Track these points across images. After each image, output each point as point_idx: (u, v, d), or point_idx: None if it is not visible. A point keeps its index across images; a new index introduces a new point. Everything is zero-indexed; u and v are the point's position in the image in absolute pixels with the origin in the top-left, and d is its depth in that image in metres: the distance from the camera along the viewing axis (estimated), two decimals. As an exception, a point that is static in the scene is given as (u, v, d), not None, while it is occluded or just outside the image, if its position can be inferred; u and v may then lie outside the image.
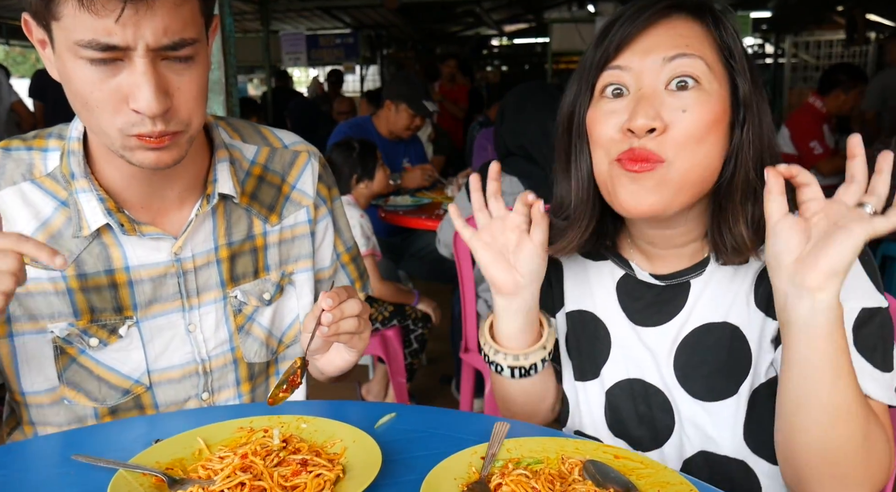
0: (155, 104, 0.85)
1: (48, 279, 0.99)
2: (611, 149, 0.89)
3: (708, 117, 0.85)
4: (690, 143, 0.85)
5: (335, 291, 0.93)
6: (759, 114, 0.89)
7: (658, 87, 0.86)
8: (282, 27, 10.81)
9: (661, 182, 0.85)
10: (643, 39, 0.87)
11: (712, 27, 0.88)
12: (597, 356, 1.04)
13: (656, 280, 0.99)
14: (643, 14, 0.87)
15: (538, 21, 12.38)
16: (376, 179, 2.95)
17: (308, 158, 1.18)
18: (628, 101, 0.87)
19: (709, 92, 0.85)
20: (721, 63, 0.88)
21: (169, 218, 1.05)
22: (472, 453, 0.85)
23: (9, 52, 13.88)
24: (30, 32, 0.93)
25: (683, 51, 0.85)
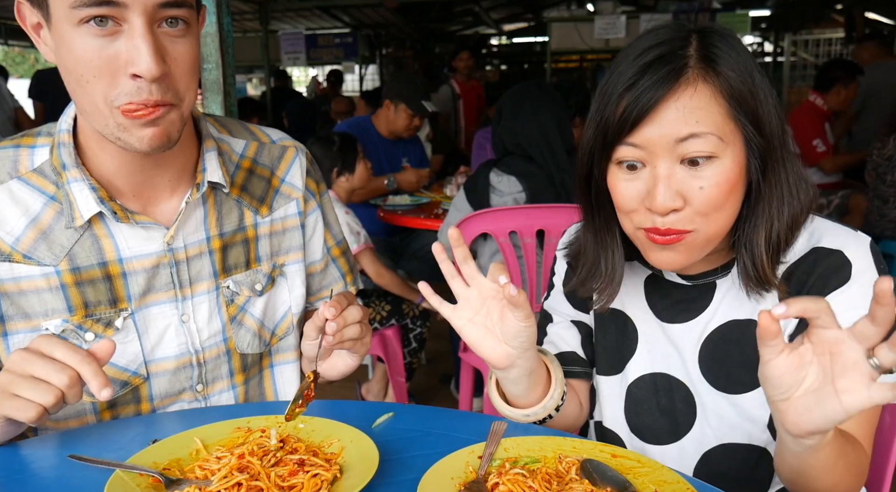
0: (154, 66, 0.87)
1: (41, 276, 0.99)
2: (634, 219, 0.91)
3: (726, 188, 0.86)
4: (712, 212, 0.87)
5: (336, 299, 0.94)
6: (778, 144, 0.89)
7: (673, 165, 0.86)
8: (281, 27, 10.79)
9: (689, 247, 0.89)
10: (655, 116, 0.85)
11: (719, 82, 0.85)
12: (623, 352, 1.07)
13: (684, 280, 1.01)
14: (656, 87, 0.85)
15: (537, 20, 12.38)
16: (357, 173, 2.93)
17: (296, 153, 1.20)
18: (647, 177, 0.88)
19: (723, 158, 0.86)
20: (732, 119, 0.86)
21: (160, 208, 1.05)
22: (470, 453, 0.85)
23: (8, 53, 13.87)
24: (24, 20, 0.93)
25: (693, 130, 0.84)
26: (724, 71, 0.86)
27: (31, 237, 0.99)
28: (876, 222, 3.76)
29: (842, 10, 9.40)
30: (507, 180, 2.38)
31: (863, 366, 0.66)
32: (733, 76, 0.86)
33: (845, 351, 0.67)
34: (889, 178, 3.59)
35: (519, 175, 2.37)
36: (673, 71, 0.85)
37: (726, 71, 0.86)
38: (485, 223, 2.32)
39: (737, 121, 0.87)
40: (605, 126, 0.89)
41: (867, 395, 0.66)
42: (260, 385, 1.19)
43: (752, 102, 0.87)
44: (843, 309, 0.86)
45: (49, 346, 0.84)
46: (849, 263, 0.91)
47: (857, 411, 0.67)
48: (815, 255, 0.93)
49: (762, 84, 0.88)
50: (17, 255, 0.99)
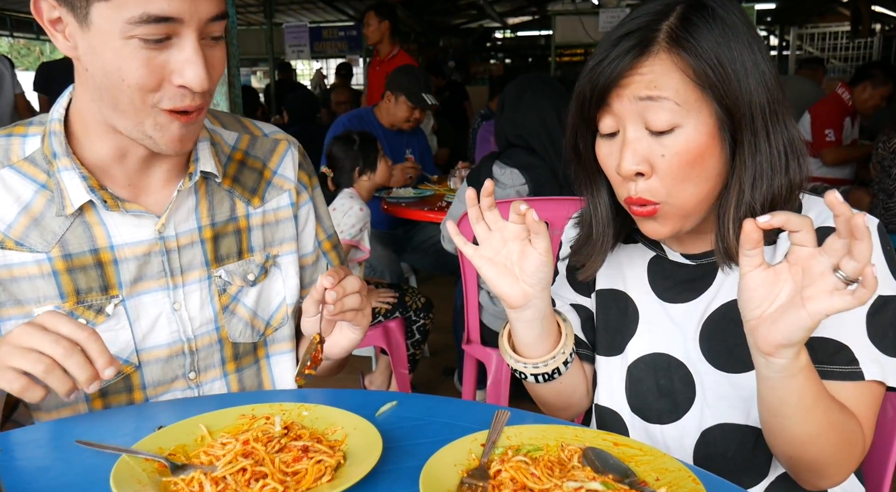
0: (206, 80, 0.91)
1: (33, 262, 1.00)
2: (618, 189, 0.95)
3: (688, 157, 0.87)
4: (677, 182, 0.88)
5: (332, 270, 0.95)
6: (753, 123, 0.88)
7: (639, 129, 0.88)
8: (285, 19, 10.79)
9: (665, 217, 0.92)
10: (622, 82, 0.88)
11: (685, 56, 0.86)
12: (623, 332, 1.07)
13: (687, 260, 1.02)
14: (621, 59, 0.88)
15: (541, 13, 12.34)
16: (378, 171, 2.94)
17: (288, 146, 1.21)
18: (619, 143, 0.91)
19: (685, 126, 0.87)
20: (696, 91, 0.86)
21: (153, 197, 1.06)
22: (473, 441, 0.85)
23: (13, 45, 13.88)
24: (40, 13, 0.94)
25: (650, 93, 0.86)
26: (692, 43, 0.86)
27: (22, 224, 1.00)
28: (880, 217, 3.76)
29: (847, 3, 9.36)
30: (510, 173, 2.38)
31: (829, 276, 0.71)
32: (703, 50, 0.86)
33: (815, 264, 0.72)
34: (895, 171, 3.58)
35: (521, 167, 2.37)
36: (641, 43, 0.87)
37: (695, 43, 0.86)
38: (488, 215, 2.32)
39: (702, 91, 0.87)
40: (582, 98, 0.93)
41: (829, 301, 0.71)
42: (257, 375, 1.20)
43: (720, 76, 0.86)
44: None
45: (54, 321, 0.84)
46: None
47: (820, 316, 0.71)
48: (822, 233, 0.89)
49: (743, 54, 0.87)
50: (9, 241, 1.00)
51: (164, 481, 0.77)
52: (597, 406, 1.11)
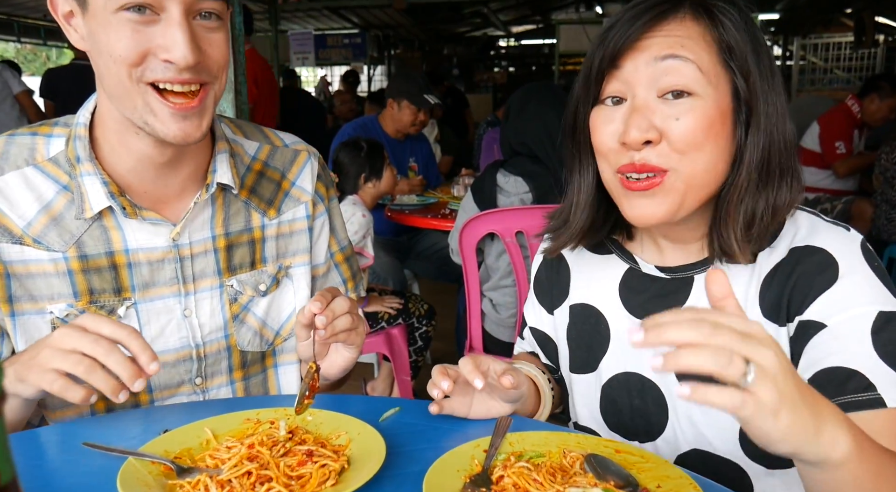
0: (189, 54, 0.90)
1: (50, 260, 1.02)
2: (612, 159, 0.89)
3: (703, 123, 0.84)
4: (690, 150, 0.84)
5: (320, 293, 0.94)
6: (767, 112, 0.86)
7: (650, 95, 0.85)
8: (290, 27, 10.84)
9: (668, 192, 0.86)
10: (639, 43, 0.86)
11: (711, 24, 0.85)
12: (595, 350, 1.05)
13: (661, 273, 0.99)
14: (640, 18, 0.86)
15: (545, 22, 12.38)
16: (384, 179, 2.96)
17: (308, 157, 1.22)
18: (624, 111, 0.87)
19: (703, 97, 0.84)
20: (720, 64, 0.85)
21: (170, 206, 1.08)
22: (475, 446, 0.86)
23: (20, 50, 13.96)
24: (55, 9, 0.96)
25: (675, 51, 0.84)
26: (718, 18, 0.85)
27: (42, 222, 1.01)
28: (884, 227, 3.76)
29: (851, 14, 9.37)
30: (514, 181, 2.39)
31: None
32: (729, 24, 0.85)
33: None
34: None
35: (526, 176, 2.38)
36: (663, 5, 0.85)
37: (721, 19, 0.85)
38: (491, 223, 2.33)
39: (725, 65, 0.84)
40: (590, 62, 0.90)
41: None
42: (264, 384, 1.20)
43: (746, 54, 0.84)
44: (832, 313, 0.84)
45: (94, 322, 0.85)
46: (834, 262, 0.86)
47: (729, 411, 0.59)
48: (796, 255, 0.89)
49: (760, 42, 0.86)
50: (27, 238, 1.01)
51: (171, 484, 0.78)
52: (576, 425, 1.09)
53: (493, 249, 2.43)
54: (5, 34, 10.39)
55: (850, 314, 0.84)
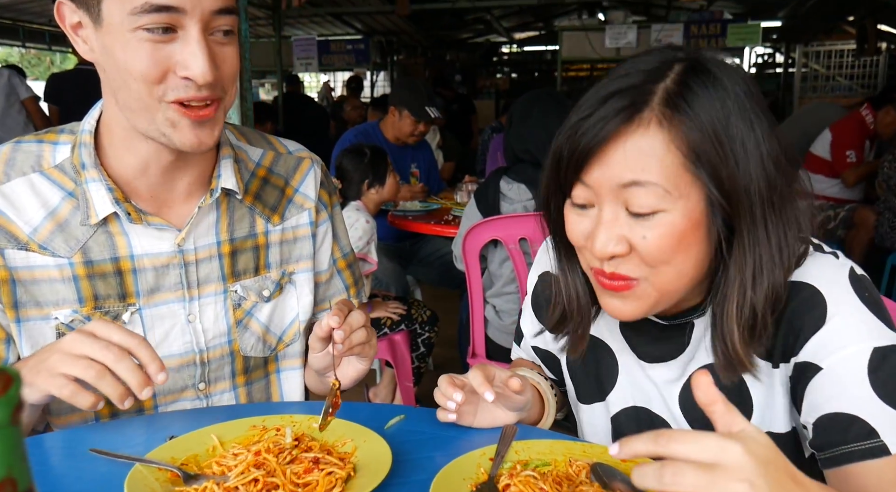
0: (209, 71, 0.92)
1: (55, 266, 1.02)
2: (586, 256, 0.87)
3: (671, 240, 0.79)
4: (658, 263, 0.81)
5: (337, 307, 0.95)
6: (752, 209, 0.79)
7: (618, 210, 0.81)
8: (293, 33, 10.88)
9: (640, 297, 0.84)
10: (604, 153, 0.80)
11: (679, 130, 0.77)
12: (604, 381, 1.03)
13: (658, 319, 0.95)
14: (608, 122, 0.79)
15: (548, 29, 12.42)
16: (387, 185, 2.97)
17: (311, 165, 1.23)
18: (594, 217, 0.83)
19: (671, 211, 0.79)
20: (688, 172, 0.78)
21: (174, 211, 1.08)
22: (481, 455, 0.86)
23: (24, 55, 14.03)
24: (62, 18, 0.97)
25: (637, 177, 0.78)
26: (688, 117, 0.77)
27: (48, 229, 1.02)
28: (887, 235, 3.76)
29: (853, 22, 9.40)
30: (518, 188, 2.39)
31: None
32: (701, 123, 0.77)
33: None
34: (900, 190, 3.58)
35: (529, 183, 2.38)
36: (630, 106, 0.78)
37: (693, 116, 0.77)
38: (495, 230, 2.33)
39: (695, 174, 0.78)
40: (559, 160, 0.85)
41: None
42: (266, 390, 1.21)
43: (719, 155, 0.77)
44: (826, 354, 0.81)
45: (105, 329, 0.86)
46: (822, 300, 0.82)
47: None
48: (788, 289, 0.84)
49: (743, 132, 0.78)
50: (33, 244, 1.01)
51: (177, 491, 0.78)
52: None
53: (497, 255, 2.43)
54: (10, 39, 10.44)
55: (845, 354, 0.80)
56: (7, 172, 1.03)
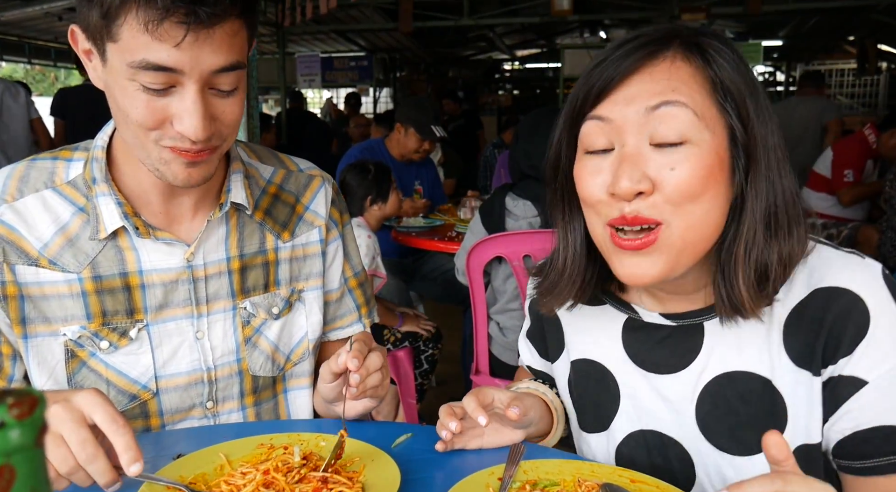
0: (202, 131, 0.90)
1: (64, 282, 1.02)
2: (601, 211, 0.82)
3: (700, 172, 0.77)
4: (684, 201, 0.77)
5: (357, 348, 0.94)
6: (767, 157, 0.80)
7: (642, 143, 0.78)
8: (297, 49, 10.97)
9: (662, 249, 0.79)
10: (626, 86, 0.79)
11: (704, 65, 0.79)
12: (605, 408, 0.98)
13: (666, 320, 0.92)
14: (627, 58, 0.79)
15: (550, 46, 12.51)
16: (389, 202, 2.98)
17: (322, 183, 1.23)
18: (612, 159, 0.80)
19: (699, 144, 0.77)
20: (715, 106, 0.79)
21: (184, 226, 1.08)
22: (490, 474, 0.86)
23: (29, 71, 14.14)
24: (76, 43, 0.97)
25: (667, 97, 0.77)
26: (712, 56, 0.79)
27: (58, 244, 1.02)
28: (889, 254, 3.76)
29: (854, 41, 9.47)
30: (523, 205, 2.40)
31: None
32: (723, 64, 0.79)
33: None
34: (903, 209, 3.58)
35: (535, 200, 2.39)
36: (651, 44, 0.79)
37: (715, 57, 0.79)
38: (499, 247, 2.34)
39: (721, 107, 0.78)
40: (574, 105, 0.83)
41: None
42: (275, 410, 1.20)
43: (743, 95, 0.78)
44: (871, 367, 0.80)
45: (91, 406, 0.79)
46: (862, 304, 0.80)
47: None
48: (823, 296, 0.82)
49: (759, 89, 0.81)
50: (43, 260, 1.02)
51: (185, 510, 0.78)
52: None
53: (501, 272, 2.43)
54: (17, 55, 10.52)
55: (889, 365, 0.80)
56: (20, 188, 1.04)
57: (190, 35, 0.85)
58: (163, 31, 0.84)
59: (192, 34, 0.85)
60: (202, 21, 0.84)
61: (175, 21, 0.83)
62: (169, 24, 0.83)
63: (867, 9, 7.44)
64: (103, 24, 0.87)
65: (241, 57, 0.92)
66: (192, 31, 0.84)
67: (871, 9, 7.43)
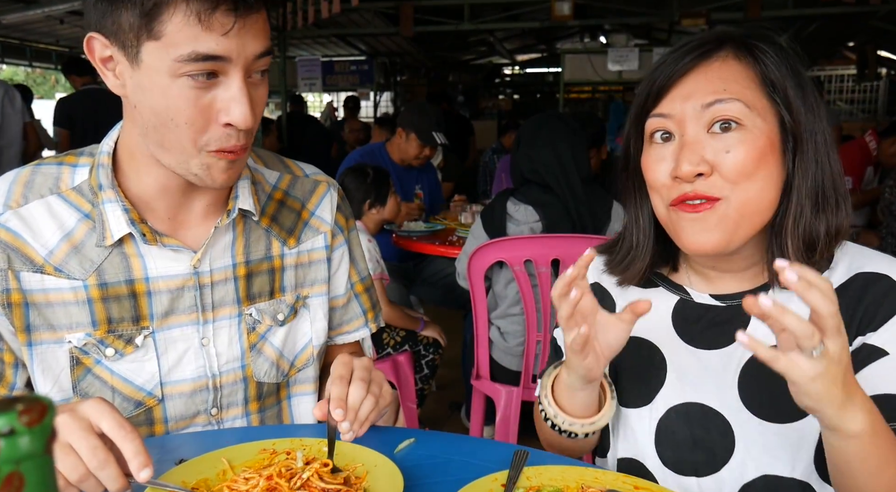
0: (251, 118, 0.93)
1: (70, 289, 1.02)
2: (664, 194, 0.92)
3: (753, 153, 0.87)
4: (741, 179, 0.87)
5: (336, 393, 0.94)
6: (815, 141, 0.90)
7: (700, 131, 0.89)
8: (298, 53, 10.99)
9: (721, 219, 0.88)
10: (683, 85, 0.91)
11: (753, 63, 0.90)
12: (651, 382, 1.03)
13: (716, 301, 0.99)
14: (683, 59, 0.91)
15: (550, 51, 12.54)
16: (388, 206, 2.98)
17: (328, 188, 1.23)
18: (675, 147, 0.91)
19: (751, 129, 0.88)
20: (765, 98, 0.89)
21: (191, 232, 1.08)
22: (493, 481, 0.86)
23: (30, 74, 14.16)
24: (92, 52, 0.96)
25: (720, 96, 0.88)
26: (760, 56, 0.89)
27: (63, 251, 1.02)
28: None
29: (854, 48, 9.49)
30: (524, 209, 2.40)
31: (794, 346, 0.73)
32: (770, 63, 0.89)
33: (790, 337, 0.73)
34: (903, 215, 3.59)
35: (536, 204, 2.39)
36: (704, 49, 0.90)
37: (763, 57, 0.89)
38: (500, 251, 2.34)
39: (770, 99, 0.89)
40: (639, 101, 0.95)
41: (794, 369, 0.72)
42: (278, 417, 1.20)
43: (789, 89, 0.89)
44: (891, 343, 0.87)
45: (98, 414, 0.79)
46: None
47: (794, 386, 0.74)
48: (861, 280, 0.91)
49: (805, 82, 0.90)
50: (48, 267, 1.01)
51: (188, 515, 0.78)
52: (620, 460, 1.05)
53: (502, 276, 2.43)
54: (18, 59, 10.54)
55: None
56: (25, 194, 1.03)
57: (238, 22, 0.89)
58: (214, 21, 0.87)
59: (239, 21, 0.89)
60: (249, 7, 0.89)
61: (225, 9, 0.87)
62: (220, 13, 0.87)
63: (867, 15, 7.46)
64: (142, 23, 0.88)
65: (270, 43, 0.96)
66: (239, 19, 0.89)
67: (870, 15, 7.45)
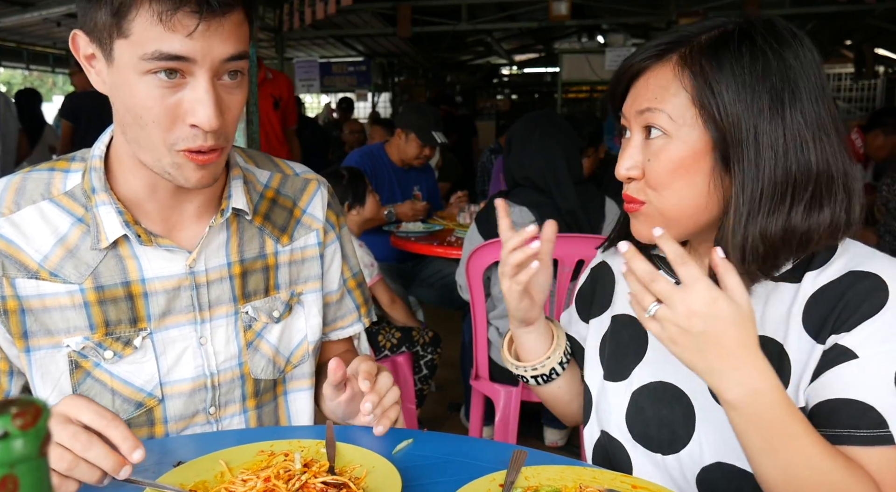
0: (215, 120, 0.92)
1: (66, 293, 1.02)
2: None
3: (670, 165, 0.90)
4: (659, 187, 0.92)
5: (365, 370, 0.97)
6: (760, 144, 0.86)
7: (639, 137, 0.94)
8: (296, 54, 10.98)
9: (647, 218, 0.95)
10: (634, 86, 0.96)
11: (698, 71, 0.87)
12: (630, 357, 1.07)
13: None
14: (636, 57, 0.95)
15: (548, 51, 12.53)
16: (367, 205, 2.98)
17: (318, 186, 1.24)
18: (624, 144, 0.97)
19: (675, 139, 0.89)
20: (696, 106, 0.88)
21: (184, 233, 1.08)
22: (491, 481, 0.86)
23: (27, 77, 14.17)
24: (77, 48, 0.97)
25: (651, 105, 0.91)
26: (708, 63, 0.86)
27: (58, 255, 1.02)
28: (887, 257, 3.76)
29: (851, 46, 9.50)
30: (519, 211, 2.40)
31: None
32: (720, 67, 0.86)
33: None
34: (900, 213, 3.59)
35: (531, 205, 2.39)
36: (661, 47, 0.92)
37: (716, 60, 0.86)
38: (497, 252, 2.33)
39: (702, 108, 0.87)
40: (609, 92, 1.01)
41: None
42: (274, 413, 1.20)
43: (734, 94, 0.85)
44: (868, 344, 0.85)
45: (76, 409, 0.81)
46: (885, 287, 0.86)
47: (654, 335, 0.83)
48: (850, 278, 0.89)
49: (760, 113, 0.85)
50: (43, 272, 1.01)
51: (186, 518, 0.78)
52: (602, 434, 1.09)
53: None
54: (15, 61, 10.53)
55: (885, 349, 0.84)
56: (17, 201, 1.03)
57: (202, 25, 0.87)
58: (176, 22, 0.86)
59: (203, 24, 0.88)
60: (213, 11, 0.88)
61: (188, 11, 0.86)
62: (182, 14, 0.86)
63: (864, 14, 7.47)
64: (113, 21, 0.88)
65: (246, 46, 0.95)
66: (203, 21, 0.87)
67: (867, 14, 7.45)
